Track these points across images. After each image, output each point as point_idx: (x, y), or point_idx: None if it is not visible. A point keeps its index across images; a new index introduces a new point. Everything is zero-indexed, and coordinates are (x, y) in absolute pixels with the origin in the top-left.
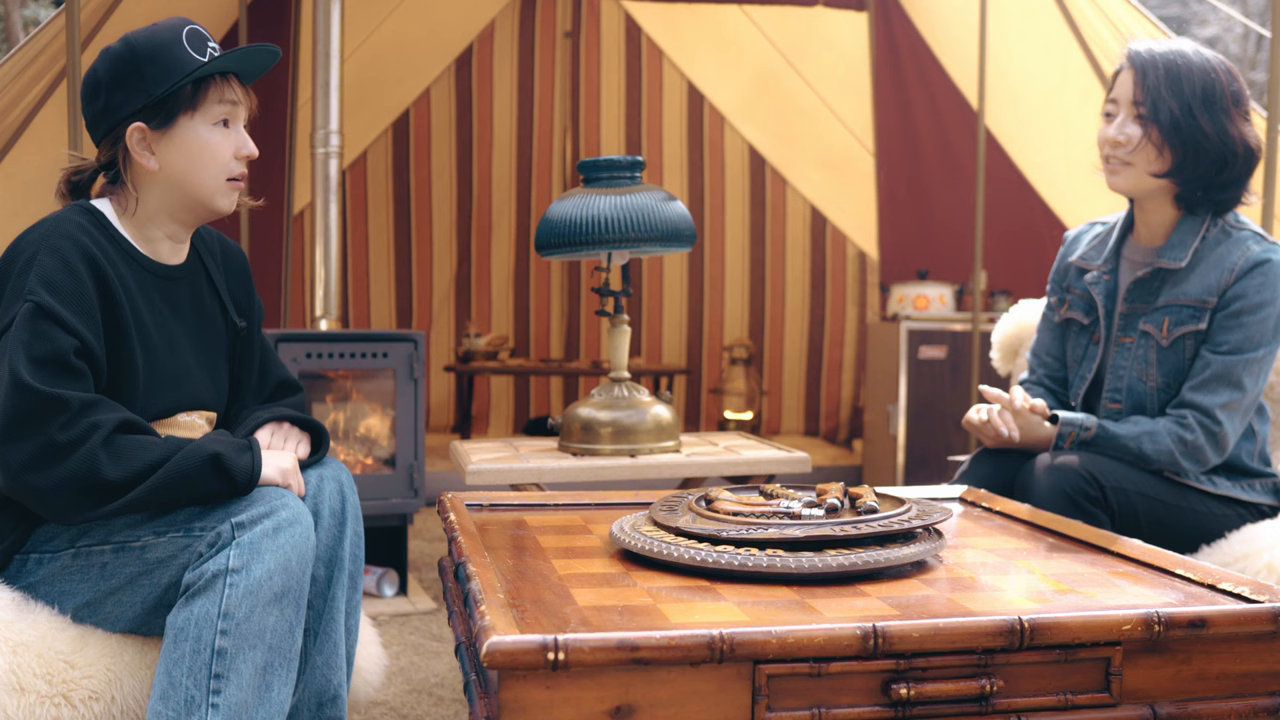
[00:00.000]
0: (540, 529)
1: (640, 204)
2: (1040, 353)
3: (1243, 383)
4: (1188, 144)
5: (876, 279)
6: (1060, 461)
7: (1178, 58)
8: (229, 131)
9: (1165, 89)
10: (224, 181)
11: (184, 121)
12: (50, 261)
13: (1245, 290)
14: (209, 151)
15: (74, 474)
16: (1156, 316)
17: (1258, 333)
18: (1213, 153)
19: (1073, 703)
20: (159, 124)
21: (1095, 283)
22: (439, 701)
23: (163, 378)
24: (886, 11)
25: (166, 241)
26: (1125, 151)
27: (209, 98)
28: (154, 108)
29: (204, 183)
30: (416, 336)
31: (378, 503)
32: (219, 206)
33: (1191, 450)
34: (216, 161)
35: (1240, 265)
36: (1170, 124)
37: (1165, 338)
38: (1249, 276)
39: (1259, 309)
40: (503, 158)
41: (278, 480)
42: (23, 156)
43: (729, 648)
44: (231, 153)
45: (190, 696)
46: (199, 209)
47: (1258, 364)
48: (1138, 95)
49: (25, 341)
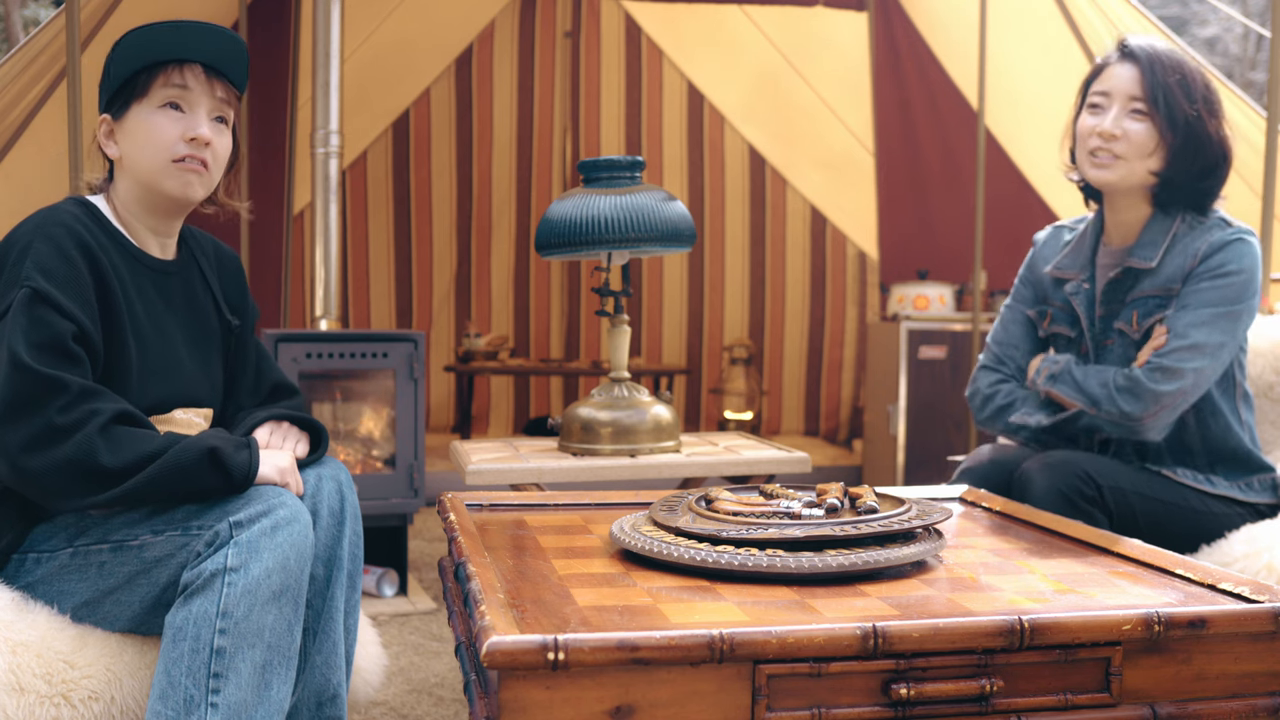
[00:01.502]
0: (540, 529)
1: (640, 204)
2: (1008, 344)
3: (1188, 333)
4: (1191, 145)
5: (876, 279)
6: (1057, 461)
7: (1181, 59)
8: (180, 115)
9: (1177, 88)
10: (168, 163)
11: (134, 108)
12: (45, 249)
13: (1209, 266)
14: (151, 133)
15: (70, 458)
16: (1126, 313)
17: (1214, 295)
18: (1210, 156)
19: (1073, 703)
20: (118, 113)
21: (1075, 293)
22: (439, 701)
23: (155, 368)
24: (886, 11)
25: (151, 235)
26: (1120, 146)
27: (156, 82)
28: (114, 98)
29: (148, 164)
30: (416, 336)
31: (378, 503)
32: (166, 188)
33: (1129, 386)
34: (159, 142)
35: (1204, 250)
36: (1184, 125)
37: (1136, 331)
38: (1213, 256)
39: (1219, 277)
40: (503, 158)
41: (276, 479)
42: (23, 156)
43: (729, 648)
44: (178, 135)
45: (189, 696)
46: (160, 196)
47: (1210, 318)
48: (1141, 92)
49: (23, 326)
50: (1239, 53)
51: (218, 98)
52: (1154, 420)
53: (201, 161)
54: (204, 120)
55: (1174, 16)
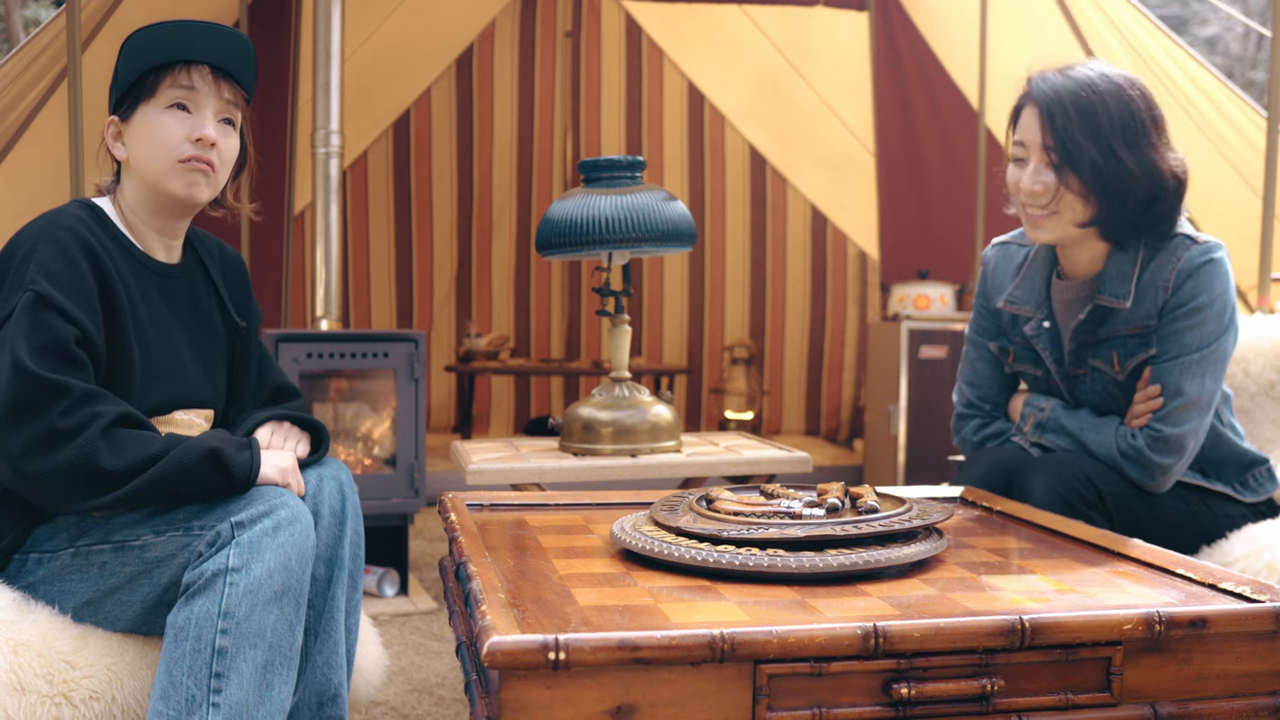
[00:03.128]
0: (541, 529)
1: (641, 204)
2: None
3: (1182, 389)
4: (1112, 187)
5: (877, 279)
6: (1057, 464)
7: (1086, 91)
8: (187, 116)
9: (1079, 131)
10: (174, 163)
11: (141, 109)
12: (50, 252)
13: (1180, 300)
14: (157, 133)
15: (72, 461)
16: (1104, 351)
17: (1193, 338)
18: (1140, 191)
19: (1073, 702)
20: (125, 115)
21: (1036, 335)
22: (440, 701)
23: (158, 372)
24: (887, 11)
25: (157, 238)
26: (1046, 201)
27: (163, 83)
28: (121, 100)
29: (154, 165)
30: (417, 336)
31: (378, 503)
32: (171, 189)
33: (1135, 456)
34: (165, 143)
35: (1173, 280)
36: (1091, 169)
37: (1120, 373)
38: (1183, 287)
39: (1193, 314)
40: (503, 158)
41: (277, 479)
42: (23, 156)
43: (730, 647)
44: (184, 135)
45: (191, 696)
46: (166, 198)
47: (1196, 366)
48: (1046, 140)
49: (26, 330)
50: (1239, 52)
51: (225, 99)
52: (1164, 482)
53: (208, 163)
54: (210, 121)
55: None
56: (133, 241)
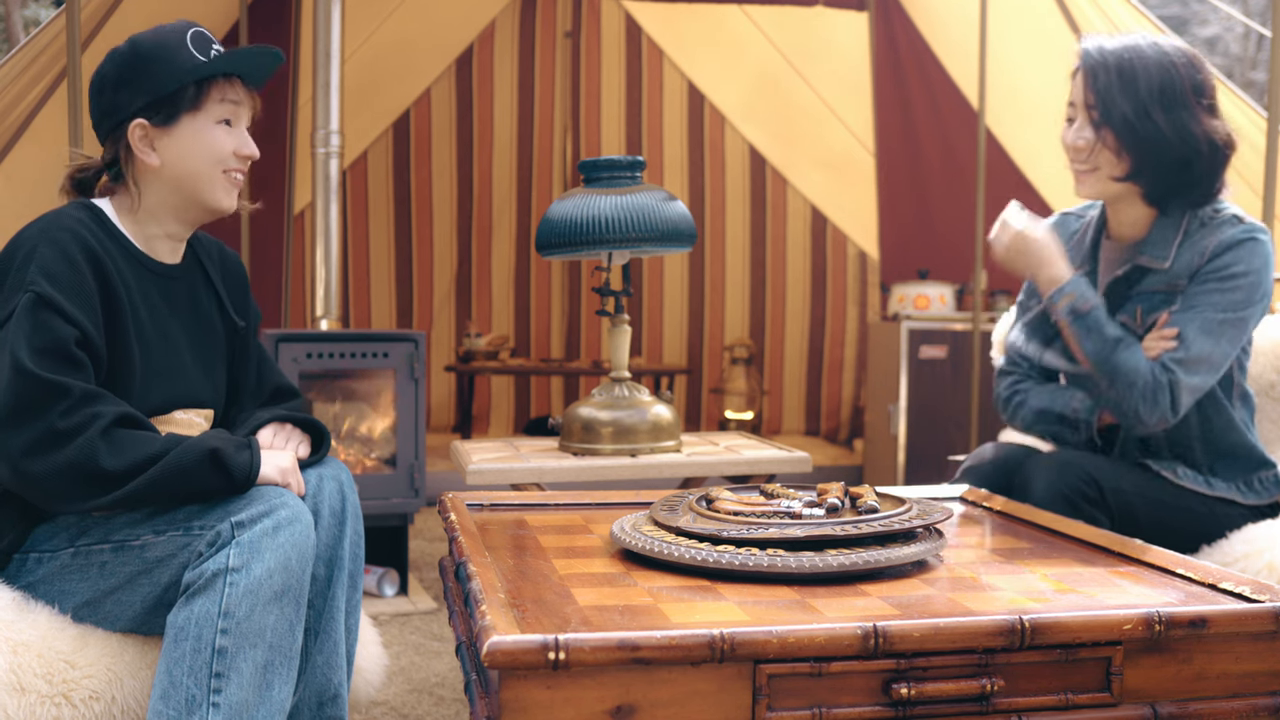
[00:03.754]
0: (541, 529)
1: (641, 204)
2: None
3: (1197, 340)
4: (1145, 146)
5: (877, 279)
6: (1059, 462)
7: (1130, 54)
8: (231, 130)
9: (1117, 90)
10: (219, 174)
11: (186, 120)
12: (50, 253)
13: (1216, 266)
14: (209, 148)
15: (72, 462)
16: (1130, 307)
17: (1221, 300)
18: (1173, 153)
19: (1073, 702)
20: (161, 121)
21: None
22: (439, 701)
23: (158, 372)
24: (887, 11)
25: (165, 240)
26: (1085, 157)
27: (211, 97)
28: (156, 105)
29: (203, 178)
30: (417, 336)
31: (378, 503)
32: (218, 202)
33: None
34: (215, 158)
35: (1213, 248)
36: (1124, 126)
37: (1140, 326)
38: (1222, 256)
39: (1227, 280)
40: (503, 158)
41: (277, 479)
42: (23, 157)
43: (730, 647)
44: (232, 149)
45: (191, 695)
46: (198, 206)
47: (1217, 326)
48: (1088, 98)
49: (26, 331)
50: (1239, 52)
51: (253, 109)
52: (1160, 424)
53: (242, 174)
54: (247, 135)
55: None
56: (133, 242)
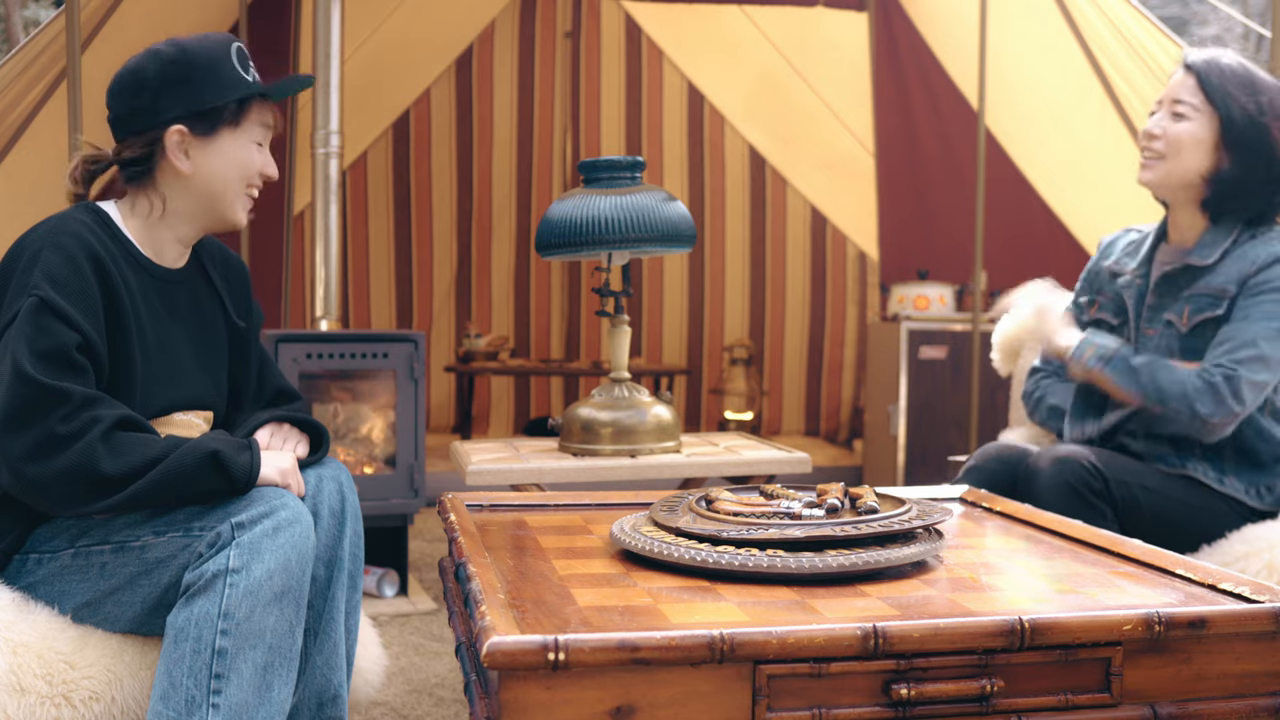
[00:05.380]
0: (540, 529)
1: (640, 204)
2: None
3: (1257, 342)
4: (1250, 144)
5: (877, 279)
6: (1064, 454)
7: (1248, 69)
8: (261, 150)
9: (1235, 87)
10: (243, 191)
11: (225, 133)
12: (55, 258)
13: (1268, 276)
14: (242, 165)
15: (72, 466)
16: (1178, 306)
17: (1275, 310)
18: (1264, 167)
19: (1073, 703)
20: (201, 131)
21: (1128, 286)
22: (439, 702)
23: (160, 377)
24: (887, 12)
25: (174, 245)
26: (1160, 145)
27: (251, 117)
28: (200, 115)
29: (230, 192)
30: (416, 337)
31: (378, 503)
32: (236, 216)
33: (1208, 388)
34: (245, 175)
35: (1264, 259)
36: (1241, 119)
37: (1185, 325)
38: (1272, 267)
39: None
40: (503, 158)
41: (277, 480)
42: (23, 157)
43: (729, 648)
44: (259, 168)
45: (191, 696)
46: (215, 216)
47: (1275, 332)
48: (1189, 94)
49: (29, 335)
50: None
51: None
52: (1227, 425)
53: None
54: (270, 157)
55: (1174, 16)
56: (138, 247)
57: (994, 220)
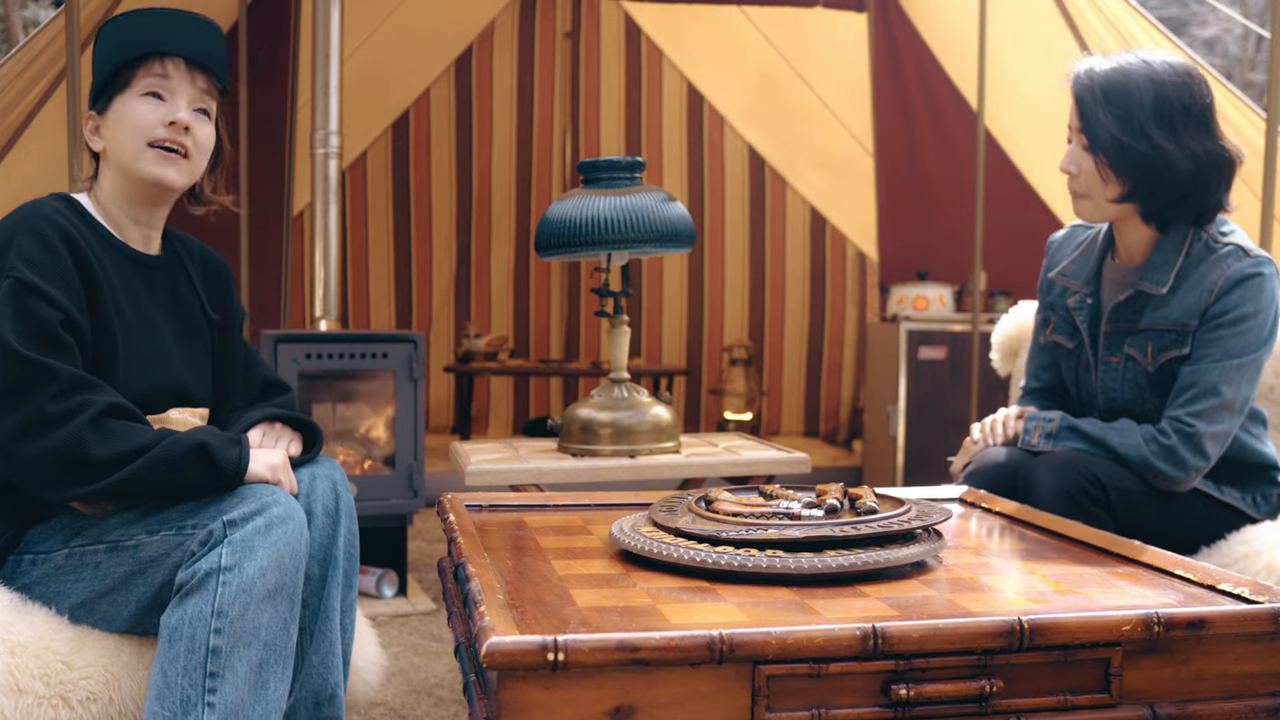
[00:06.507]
0: (540, 530)
1: (640, 204)
2: (1033, 367)
3: (1218, 389)
4: (1134, 166)
5: (876, 279)
6: (1063, 461)
7: (1119, 75)
8: (161, 103)
9: (1101, 110)
10: (145, 146)
11: (118, 102)
12: (28, 241)
13: (1225, 307)
14: (131, 121)
15: (61, 447)
16: (1139, 341)
17: (1236, 345)
18: (1166, 171)
19: (1073, 703)
20: (101, 108)
21: (1079, 308)
22: (438, 702)
23: (141, 356)
24: (886, 12)
25: (134, 227)
26: (1078, 183)
27: (138, 74)
28: (95, 95)
29: (127, 149)
30: (416, 337)
31: (377, 503)
32: (149, 172)
33: (1165, 451)
34: (137, 126)
35: (1220, 286)
36: (1112, 148)
37: (1151, 364)
38: (1229, 295)
39: (1238, 323)
40: (503, 158)
41: (267, 477)
42: (23, 157)
43: (729, 648)
44: (157, 120)
45: (186, 696)
46: (138, 182)
47: (1235, 371)
48: (1076, 122)
49: (10, 316)
50: (1238, 53)
51: (199, 88)
52: (1190, 480)
53: (182, 148)
54: (183, 107)
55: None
56: (110, 230)
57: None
